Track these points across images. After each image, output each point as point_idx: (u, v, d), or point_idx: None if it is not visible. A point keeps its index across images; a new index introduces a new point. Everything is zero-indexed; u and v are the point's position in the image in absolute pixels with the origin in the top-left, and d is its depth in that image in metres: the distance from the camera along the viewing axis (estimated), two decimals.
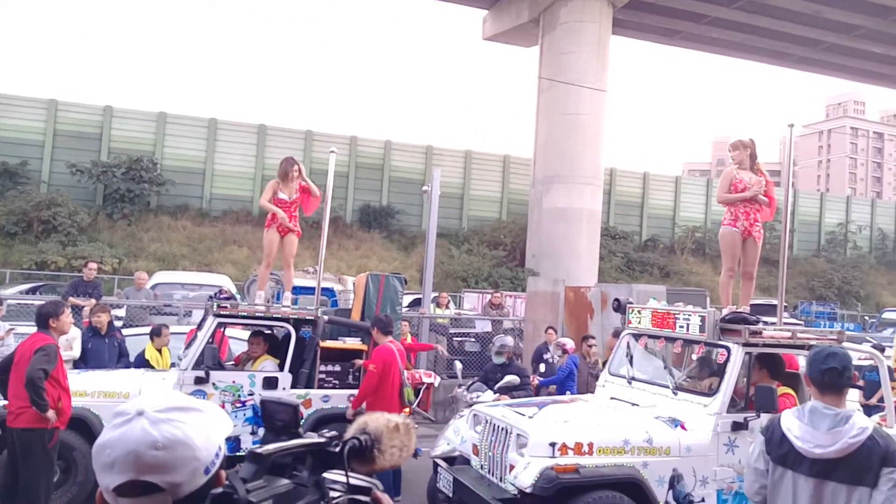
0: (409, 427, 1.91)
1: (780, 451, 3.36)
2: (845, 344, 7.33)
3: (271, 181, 9.08)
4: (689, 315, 6.76)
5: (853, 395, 10.41)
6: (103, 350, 9.30)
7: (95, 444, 1.41)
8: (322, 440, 1.76)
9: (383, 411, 1.97)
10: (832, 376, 3.34)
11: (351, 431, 1.81)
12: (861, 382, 10.44)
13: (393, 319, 8.94)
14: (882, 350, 10.40)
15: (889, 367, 9.07)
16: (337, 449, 1.74)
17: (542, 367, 11.01)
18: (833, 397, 3.35)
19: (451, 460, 6.97)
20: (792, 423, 3.34)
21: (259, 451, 1.62)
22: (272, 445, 1.67)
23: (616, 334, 8.80)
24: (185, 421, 1.42)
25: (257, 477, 1.57)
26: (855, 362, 11.49)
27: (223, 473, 1.49)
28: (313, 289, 9.78)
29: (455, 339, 14.62)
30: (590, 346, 10.63)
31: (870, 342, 12.73)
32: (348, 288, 15.87)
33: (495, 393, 7.43)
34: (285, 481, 1.63)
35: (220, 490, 1.43)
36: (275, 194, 8.83)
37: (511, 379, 7.50)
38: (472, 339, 14.77)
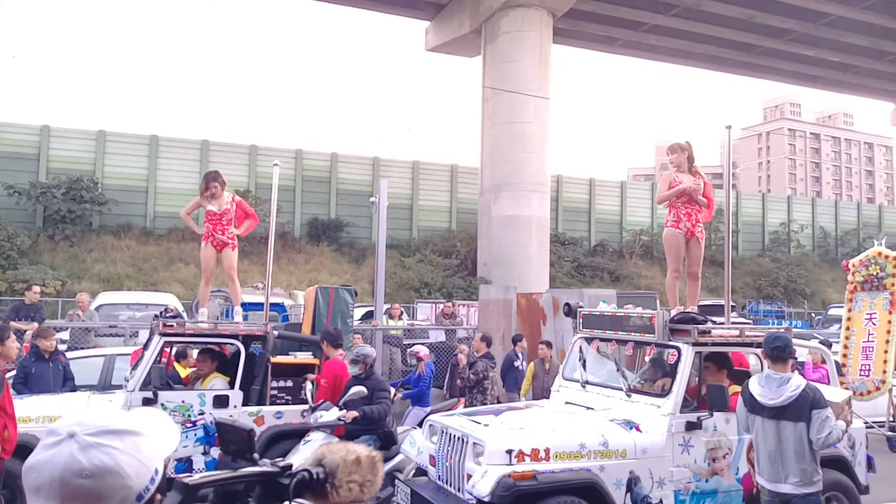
0: (375, 461, 1.78)
1: (750, 403, 5.36)
2: (794, 340, 7.49)
3: (195, 199, 9.01)
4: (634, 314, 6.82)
5: None
6: (47, 374, 9.01)
7: (25, 465, 1.36)
8: (271, 469, 1.66)
9: (338, 428, 1.87)
10: (778, 351, 5.26)
11: (307, 462, 1.69)
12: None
13: (343, 332, 8.86)
14: (829, 346, 10.63)
15: (836, 362, 9.26)
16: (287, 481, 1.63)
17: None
18: (780, 366, 5.26)
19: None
20: (755, 386, 5.36)
21: (185, 480, 1.53)
22: (198, 475, 1.57)
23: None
24: (117, 446, 1.36)
25: None
26: (802, 359, 11.65)
27: (158, 497, 1.43)
28: (262, 304, 9.65)
29: (409, 349, 14.54)
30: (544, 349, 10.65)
31: (817, 338, 12.99)
32: (299, 303, 15.72)
33: (341, 409, 7.03)
34: None
35: None
36: (197, 207, 8.72)
37: (357, 390, 6.96)
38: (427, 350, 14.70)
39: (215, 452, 7.51)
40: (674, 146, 7.75)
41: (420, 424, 7.76)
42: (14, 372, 9.09)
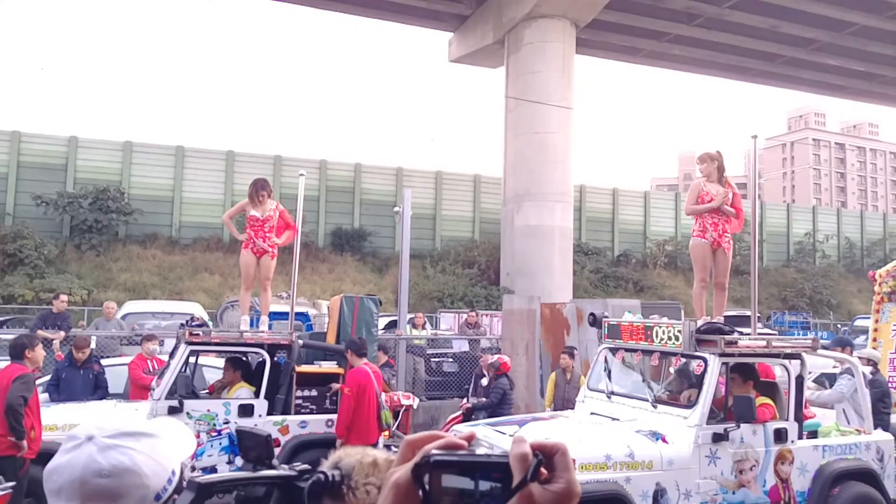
0: (392, 464, 1.78)
1: None
2: (820, 351, 7.42)
3: (242, 201, 9.08)
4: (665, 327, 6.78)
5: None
6: (77, 381, 9.11)
7: (46, 469, 1.40)
8: (288, 473, 1.66)
9: (362, 437, 1.86)
10: None
11: (324, 465, 1.68)
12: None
13: (368, 342, 8.88)
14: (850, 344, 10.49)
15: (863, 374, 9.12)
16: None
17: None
18: None
19: None
20: None
21: (199, 480, 1.56)
22: (214, 475, 1.59)
23: None
24: (134, 447, 1.40)
25: None
26: (828, 370, 11.56)
27: (175, 498, 1.47)
28: (287, 314, 9.69)
29: (433, 359, 14.56)
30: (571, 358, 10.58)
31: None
32: (323, 312, 15.76)
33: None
34: None
35: None
36: (241, 211, 8.78)
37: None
38: (450, 360, 14.72)
39: (241, 462, 7.55)
40: (704, 156, 7.73)
41: None
42: (48, 377, 9.24)
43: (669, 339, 6.74)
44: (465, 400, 10.89)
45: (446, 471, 0.83)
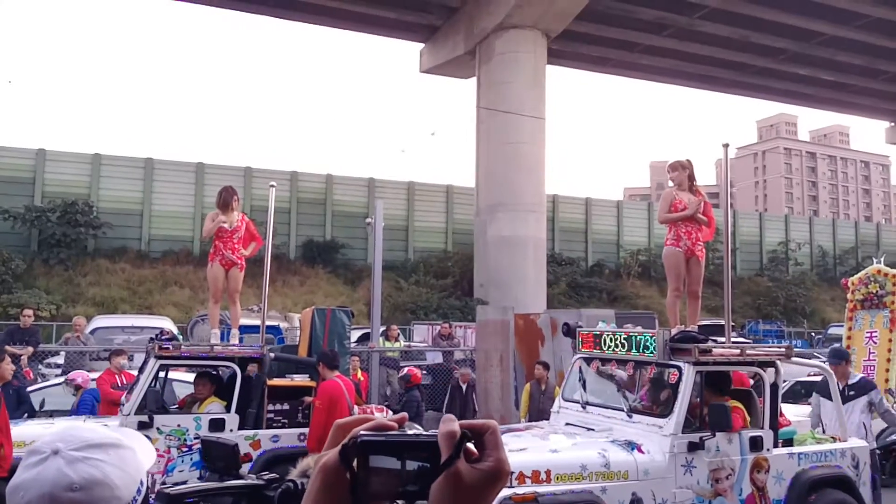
0: None
1: None
2: (794, 359, 7.44)
3: (211, 212, 8.93)
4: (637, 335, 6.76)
5: (804, 411, 10.50)
6: None
7: (9, 485, 1.34)
8: (256, 482, 1.62)
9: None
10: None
11: (292, 473, 1.64)
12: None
13: (339, 354, 8.78)
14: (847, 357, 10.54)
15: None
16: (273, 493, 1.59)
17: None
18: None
19: None
20: None
21: (168, 490, 1.52)
22: (184, 486, 1.55)
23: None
24: (103, 458, 1.36)
25: None
26: (803, 378, 11.62)
27: None
28: (258, 327, 9.57)
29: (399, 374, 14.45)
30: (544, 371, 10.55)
31: (818, 357, 12.93)
32: (295, 325, 15.62)
33: None
34: None
35: None
36: (218, 225, 8.64)
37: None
38: (424, 372, 14.61)
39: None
40: (675, 164, 7.74)
41: None
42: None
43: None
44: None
45: (374, 451, 0.83)
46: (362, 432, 0.85)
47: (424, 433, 0.85)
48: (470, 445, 0.86)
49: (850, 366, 8.89)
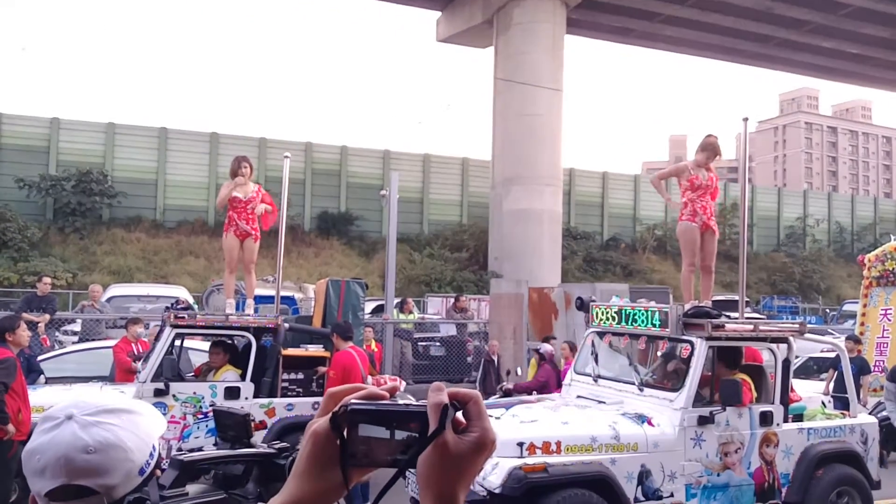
0: None
1: None
2: (807, 336, 7.43)
3: (225, 183, 8.96)
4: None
5: (817, 387, 10.51)
6: None
7: (25, 450, 1.38)
8: (268, 451, 1.65)
9: None
10: None
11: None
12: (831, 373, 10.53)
13: (354, 325, 8.84)
14: (859, 342, 10.57)
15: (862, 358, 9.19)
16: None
17: None
18: None
19: None
20: None
21: (182, 457, 1.56)
22: (197, 453, 1.59)
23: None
24: (116, 423, 1.40)
25: (178, 484, 1.50)
26: (816, 355, 11.59)
27: (158, 473, 1.45)
28: (273, 297, 9.63)
29: (420, 343, 14.55)
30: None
31: (832, 334, 12.91)
32: (309, 296, 15.69)
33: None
34: (219, 493, 1.54)
35: (132, 497, 1.41)
36: (231, 192, 8.67)
37: None
38: (437, 344, 14.70)
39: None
40: (714, 147, 7.61)
41: None
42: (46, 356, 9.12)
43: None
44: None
45: (363, 420, 0.84)
46: (353, 401, 0.86)
47: (414, 403, 0.87)
48: (458, 415, 0.87)
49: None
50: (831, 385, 10.25)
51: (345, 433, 0.84)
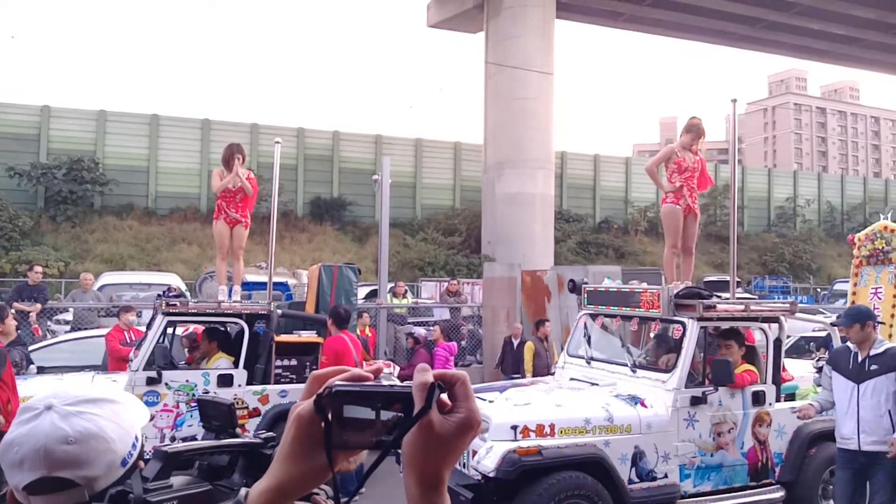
0: None
1: None
2: (798, 315, 7.46)
3: (215, 169, 8.92)
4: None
5: (808, 367, 10.56)
6: None
7: (2, 442, 1.33)
8: (253, 441, 1.63)
9: None
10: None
11: None
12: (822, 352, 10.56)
13: (350, 311, 8.84)
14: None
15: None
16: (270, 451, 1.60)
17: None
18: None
19: None
20: None
21: (165, 449, 1.52)
22: (181, 445, 1.57)
23: None
24: (97, 413, 1.35)
25: (162, 476, 1.47)
26: (807, 334, 11.59)
27: (141, 465, 1.42)
28: (266, 284, 9.62)
29: (414, 328, 14.53)
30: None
31: (823, 313, 12.94)
32: (302, 282, 15.69)
33: None
34: (203, 484, 1.52)
35: (115, 490, 1.36)
36: (224, 186, 8.64)
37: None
38: (431, 328, 14.70)
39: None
40: (698, 128, 7.64)
41: None
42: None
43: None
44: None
45: (348, 401, 0.83)
46: (337, 382, 0.85)
47: (399, 384, 0.86)
48: (444, 396, 0.86)
49: (877, 330, 6.32)
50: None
51: (329, 415, 0.83)
